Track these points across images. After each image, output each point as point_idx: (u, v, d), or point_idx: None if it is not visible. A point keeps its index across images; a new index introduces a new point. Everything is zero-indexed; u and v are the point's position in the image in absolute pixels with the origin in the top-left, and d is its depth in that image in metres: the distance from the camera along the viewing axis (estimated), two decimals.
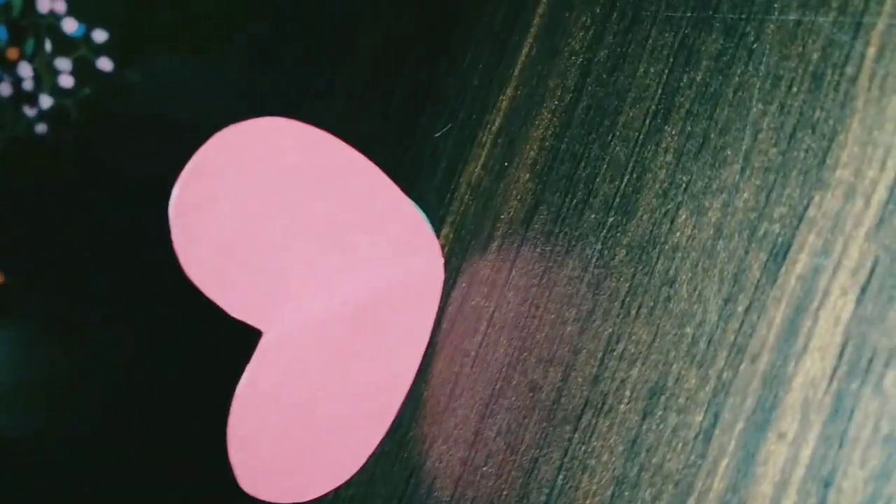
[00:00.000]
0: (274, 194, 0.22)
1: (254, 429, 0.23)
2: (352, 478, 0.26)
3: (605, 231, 0.21)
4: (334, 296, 0.24)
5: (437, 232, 0.27)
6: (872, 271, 0.16)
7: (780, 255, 0.17)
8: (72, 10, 0.64)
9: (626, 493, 0.18)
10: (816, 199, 0.17)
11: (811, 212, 0.17)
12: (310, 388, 0.24)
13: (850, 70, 0.17)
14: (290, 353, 0.23)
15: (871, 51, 0.17)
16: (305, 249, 0.23)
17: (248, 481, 0.23)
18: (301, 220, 0.22)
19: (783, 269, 0.17)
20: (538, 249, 0.23)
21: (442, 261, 0.26)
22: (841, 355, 0.16)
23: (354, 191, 0.23)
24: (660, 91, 0.21)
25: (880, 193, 0.16)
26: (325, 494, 0.25)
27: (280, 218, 0.22)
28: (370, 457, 0.26)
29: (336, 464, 0.25)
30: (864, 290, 0.16)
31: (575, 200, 0.22)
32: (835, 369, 0.16)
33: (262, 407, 0.23)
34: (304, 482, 0.25)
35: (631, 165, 0.21)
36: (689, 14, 0.21)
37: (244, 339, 0.23)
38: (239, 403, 0.22)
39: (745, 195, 0.18)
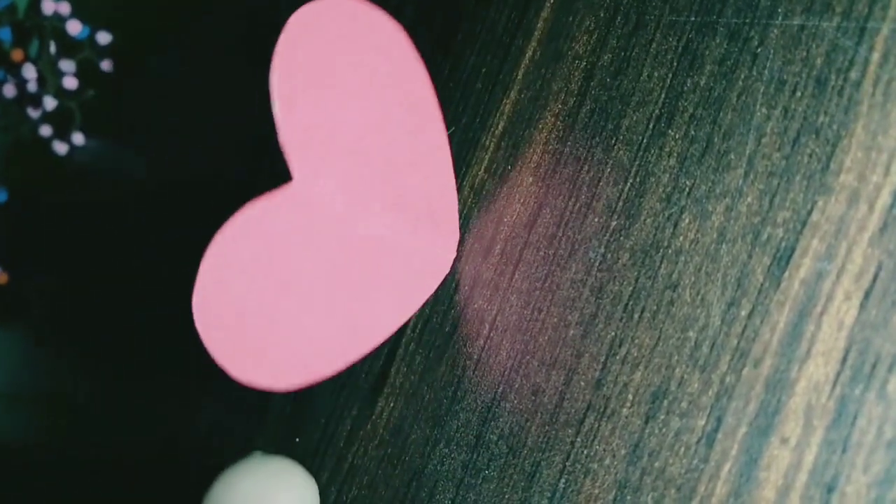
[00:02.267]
0: (367, 84, 0.23)
1: (232, 264, 0.22)
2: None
3: (608, 235, 0.21)
4: (359, 207, 0.24)
5: None
6: (876, 276, 0.16)
7: (783, 259, 0.17)
8: (76, 12, 0.64)
9: (629, 498, 0.18)
10: (820, 203, 0.17)
11: (815, 216, 0.17)
12: (296, 267, 0.23)
13: (854, 75, 0.17)
14: (300, 218, 0.23)
15: (876, 56, 0.17)
16: (365, 149, 0.24)
17: (208, 326, 0.22)
18: (375, 123, 0.24)
19: (787, 274, 0.17)
20: (541, 253, 0.23)
21: (454, 255, 0.26)
22: (844, 360, 0.16)
23: (423, 140, 0.24)
24: (663, 95, 0.21)
25: (884, 198, 0.16)
26: (256, 387, 0.24)
27: (361, 107, 0.23)
28: (319, 380, 0.25)
29: (284, 362, 0.24)
30: (867, 294, 0.16)
31: (578, 204, 0.22)
32: (838, 374, 0.16)
33: (249, 244, 0.22)
34: (250, 359, 0.23)
35: (634, 169, 0.21)
36: (692, 18, 0.21)
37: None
38: (234, 225, 0.22)
39: (749, 199, 0.18)
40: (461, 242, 0.26)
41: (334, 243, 0.24)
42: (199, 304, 0.22)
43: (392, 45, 0.24)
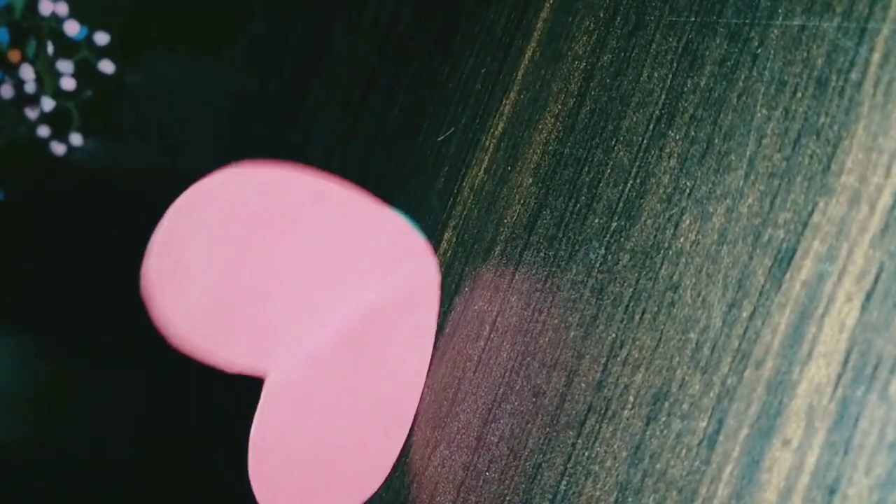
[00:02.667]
0: (244, 245, 0.21)
1: (275, 467, 0.23)
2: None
3: (608, 236, 0.21)
4: (328, 325, 0.24)
5: (440, 236, 0.27)
6: (877, 278, 0.16)
7: (784, 261, 0.17)
8: (74, 13, 0.64)
9: (630, 499, 0.18)
10: (821, 205, 0.17)
11: (816, 218, 0.17)
12: (323, 416, 0.24)
13: (854, 76, 0.17)
14: (296, 391, 0.23)
15: (876, 56, 0.17)
16: (291, 286, 0.23)
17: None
18: (278, 262, 0.22)
19: (788, 275, 0.17)
20: (541, 254, 0.23)
21: (434, 262, 0.26)
22: (846, 362, 0.16)
23: (326, 216, 0.23)
24: (664, 96, 0.21)
25: (885, 199, 0.16)
26: None
27: (256, 266, 0.22)
28: (393, 467, 0.26)
29: (361, 482, 0.25)
30: (869, 296, 0.16)
31: (578, 205, 0.22)
32: (840, 376, 0.16)
33: (278, 447, 0.23)
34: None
35: (634, 170, 0.21)
36: (692, 19, 0.21)
37: None
38: (255, 449, 0.22)
39: (750, 201, 0.18)
40: (460, 244, 0.26)
41: (337, 368, 0.24)
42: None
43: (235, 197, 0.22)
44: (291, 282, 0.23)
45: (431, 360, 0.26)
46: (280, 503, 0.24)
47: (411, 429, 0.26)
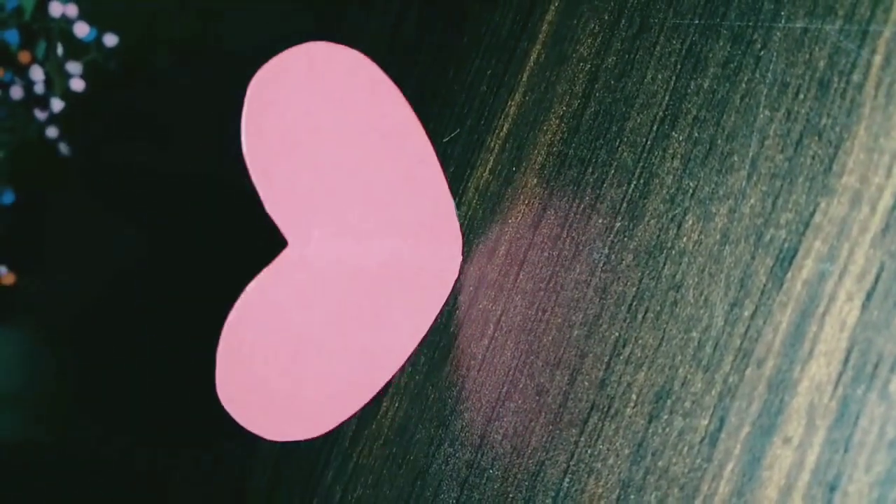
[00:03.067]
0: (339, 121, 0.23)
1: (248, 341, 0.23)
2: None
3: (612, 236, 0.21)
4: (358, 244, 0.24)
5: None
6: (878, 277, 0.16)
7: (786, 260, 0.17)
8: (83, 15, 0.64)
9: (632, 497, 0.18)
10: (822, 205, 0.17)
11: (817, 218, 0.17)
12: (310, 321, 0.24)
13: (856, 77, 0.17)
14: (304, 278, 0.24)
15: (878, 58, 0.17)
16: (350, 186, 0.24)
17: (238, 412, 0.23)
18: (355, 156, 0.24)
19: (789, 275, 0.17)
20: (545, 254, 0.23)
21: (460, 259, 0.26)
22: (846, 360, 0.16)
23: (406, 156, 0.24)
24: (667, 97, 0.21)
25: (886, 200, 0.16)
26: (291, 441, 0.25)
27: (338, 146, 0.23)
28: (343, 422, 0.26)
29: (314, 412, 0.25)
30: (869, 295, 0.16)
31: (582, 205, 0.22)
32: (840, 374, 0.16)
33: (261, 319, 0.23)
34: (279, 418, 0.25)
35: (638, 171, 0.21)
36: (696, 21, 0.21)
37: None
38: (242, 306, 0.22)
39: (752, 201, 0.18)
40: (465, 244, 0.26)
41: (341, 288, 0.25)
42: (222, 383, 0.23)
43: (358, 76, 0.24)
44: (356, 182, 0.24)
45: (434, 357, 0.26)
46: (236, 382, 0.23)
47: (406, 426, 0.26)
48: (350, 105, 0.24)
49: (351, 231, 0.24)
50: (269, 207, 0.23)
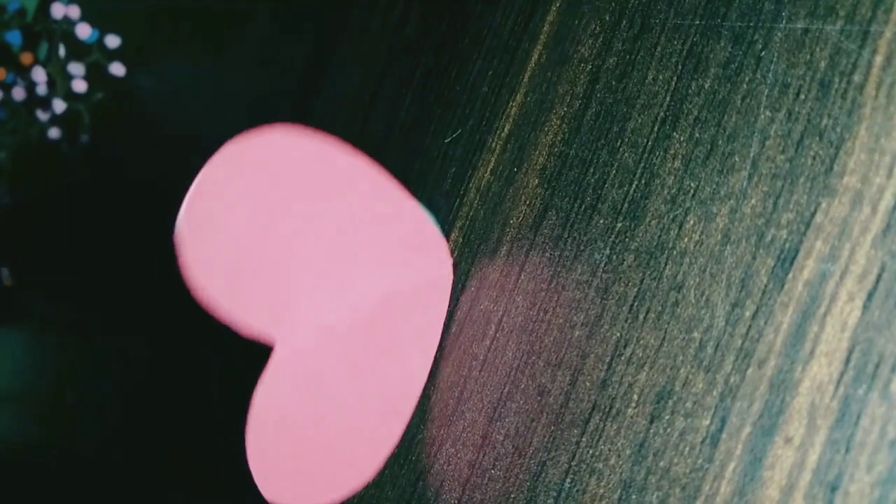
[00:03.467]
0: (278, 206, 0.22)
1: (272, 438, 0.23)
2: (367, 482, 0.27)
3: (613, 236, 0.21)
4: (344, 302, 0.24)
5: (447, 236, 0.27)
6: (879, 277, 0.16)
7: (787, 260, 0.17)
8: (85, 16, 0.65)
9: (634, 497, 0.19)
10: (824, 205, 0.17)
11: (818, 218, 0.17)
12: (324, 395, 0.24)
13: (857, 78, 0.17)
14: (303, 363, 0.24)
15: (878, 59, 0.17)
16: (313, 258, 0.23)
17: (268, 489, 0.24)
18: (307, 229, 0.23)
19: (790, 275, 0.17)
20: (547, 254, 0.23)
21: (450, 261, 0.26)
22: (848, 360, 0.16)
23: (359, 195, 0.23)
24: (668, 98, 0.21)
25: (887, 200, 0.16)
26: (343, 499, 0.25)
27: (286, 229, 0.22)
28: (386, 460, 0.26)
29: (353, 468, 0.26)
30: (870, 296, 0.16)
31: (584, 206, 0.22)
32: (841, 374, 0.16)
33: (278, 417, 0.23)
34: (322, 487, 0.25)
35: (639, 171, 0.21)
36: (697, 22, 0.21)
37: (258, 345, 0.24)
38: (256, 415, 0.23)
39: (753, 201, 0.18)
40: (466, 244, 0.26)
41: (345, 347, 0.24)
42: (260, 478, 0.23)
43: (288, 156, 0.22)
44: (315, 253, 0.23)
45: (436, 358, 0.26)
46: (271, 474, 0.24)
47: (410, 425, 0.26)
48: (286, 182, 0.22)
49: (333, 294, 0.24)
50: (241, 329, 0.22)
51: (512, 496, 0.21)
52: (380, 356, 0.25)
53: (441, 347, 0.26)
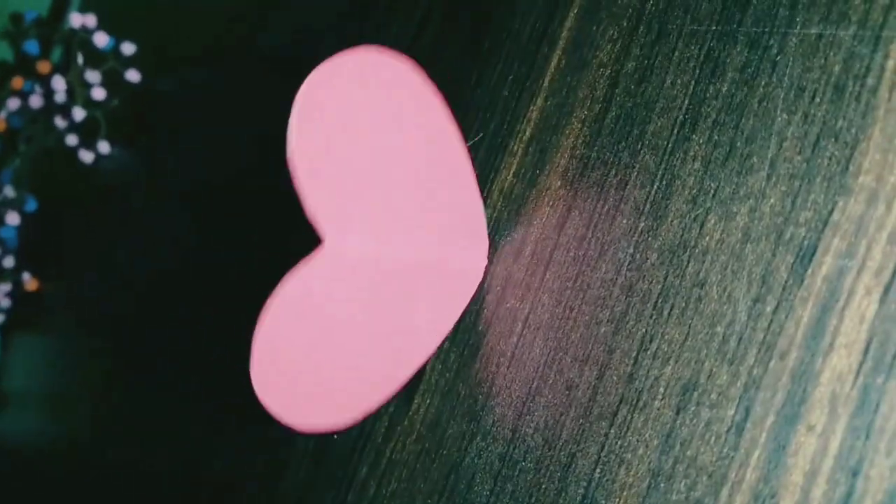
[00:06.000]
0: (381, 128, 0.25)
1: (283, 334, 0.24)
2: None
3: (636, 235, 0.22)
4: (390, 244, 0.25)
5: None
6: (895, 272, 0.17)
7: (806, 257, 0.18)
8: (102, 24, 0.66)
9: (662, 485, 0.19)
10: (840, 204, 0.18)
11: (835, 216, 0.18)
12: (342, 315, 0.26)
13: (870, 81, 0.18)
14: (338, 273, 0.25)
15: (891, 63, 0.18)
16: (386, 189, 0.25)
17: (265, 391, 0.24)
18: (393, 162, 0.25)
19: (809, 271, 0.18)
20: (571, 253, 0.24)
21: (485, 262, 0.27)
22: (866, 351, 0.17)
23: (441, 162, 0.26)
24: (687, 101, 0.22)
25: None
26: (326, 432, 0.27)
27: (378, 152, 0.25)
28: (375, 409, 0.27)
29: (344, 403, 0.27)
30: (887, 290, 0.17)
31: (606, 206, 0.23)
32: (861, 365, 0.17)
33: (297, 311, 0.24)
34: (314, 409, 0.26)
35: (660, 172, 0.22)
36: (713, 27, 0.22)
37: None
38: (280, 296, 0.24)
39: (772, 201, 0.19)
40: (491, 245, 0.27)
41: (371, 285, 0.26)
42: (258, 375, 0.24)
43: (402, 85, 0.25)
44: (391, 182, 0.25)
45: (461, 354, 0.27)
46: (271, 375, 0.25)
47: (440, 420, 0.27)
48: (392, 113, 0.25)
49: (384, 232, 0.25)
50: (310, 205, 0.24)
51: (543, 486, 0.22)
52: (396, 313, 0.26)
53: (468, 344, 0.27)
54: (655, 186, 0.22)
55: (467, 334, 0.27)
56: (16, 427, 0.73)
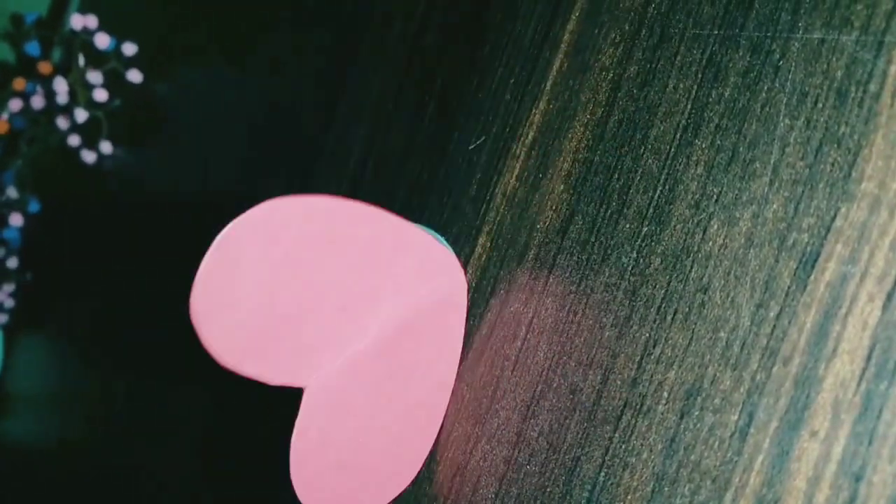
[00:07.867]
0: (286, 270, 0.23)
1: (315, 471, 0.25)
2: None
3: (639, 240, 0.22)
4: (363, 338, 0.25)
5: (474, 241, 0.28)
6: None
7: (809, 263, 0.18)
8: (103, 25, 0.66)
9: (666, 489, 0.20)
10: (843, 210, 0.18)
11: (838, 222, 0.18)
12: (359, 421, 0.26)
13: (873, 87, 0.18)
14: (334, 398, 0.25)
15: (893, 68, 0.18)
16: (328, 308, 0.24)
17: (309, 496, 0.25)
18: (317, 283, 0.23)
19: (812, 277, 0.18)
20: (574, 258, 0.24)
21: (461, 271, 0.27)
22: (869, 357, 0.17)
23: (361, 238, 0.24)
24: (689, 106, 0.22)
25: None
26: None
27: (297, 289, 0.23)
28: (424, 461, 0.27)
29: (396, 477, 0.27)
30: (889, 296, 0.17)
31: (609, 211, 0.23)
32: (863, 371, 0.17)
33: (318, 450, 0.25)
34: (369, 501, 0.27)
35: (663, 177, 0.22)
36: (716, 32, 0.22)
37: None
38: (296, 453, 0.24)
39: (775, 206, 0.19)
40: (493, 248, 0.27)
41: (370, 375, 0.26)
42: (299, 484, 0.25)
43: (311, 223, 0.23)
44: (330, 301, 0.24)
45: (465, 358, 0.27)
46: (320, 502, 0.25)
47: (445, 424, 0.27)
48: (292, 246, 0.23)
49: (354, 333, 0.25)
50: (270, 381, 0.23)
51: (548, 490, 0.22)
52: (406, 373, 0.26)
53: (473, 348, 0.27)
54: (658, 191, 0.22)
55: (471, 338, 0.27)
56: (19, 427, 0.74)
